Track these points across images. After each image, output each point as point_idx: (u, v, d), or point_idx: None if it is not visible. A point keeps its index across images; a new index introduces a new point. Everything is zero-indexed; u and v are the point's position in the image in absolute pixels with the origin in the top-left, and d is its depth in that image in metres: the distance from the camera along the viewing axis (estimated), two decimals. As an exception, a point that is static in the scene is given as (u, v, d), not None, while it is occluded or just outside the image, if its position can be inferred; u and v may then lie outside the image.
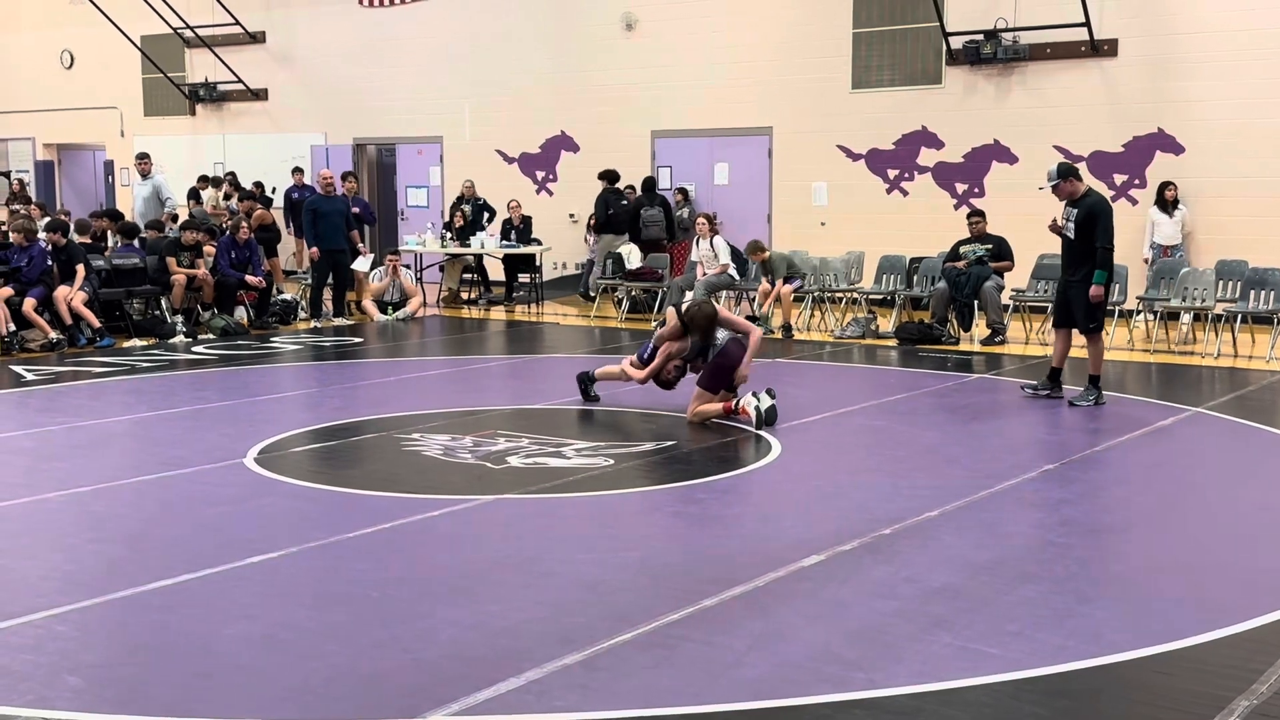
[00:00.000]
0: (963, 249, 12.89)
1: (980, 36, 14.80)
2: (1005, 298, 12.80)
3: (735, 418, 8.32)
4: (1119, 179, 14.35)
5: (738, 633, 4.49)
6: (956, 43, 14.98)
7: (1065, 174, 9.04)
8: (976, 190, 15.15)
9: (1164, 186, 13.75)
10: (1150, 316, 12.53)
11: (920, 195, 15.54)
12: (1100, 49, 14.28)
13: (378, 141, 20.18)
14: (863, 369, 11.35)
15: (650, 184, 16.45)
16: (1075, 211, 8.98)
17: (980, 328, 12.66)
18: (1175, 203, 13.69)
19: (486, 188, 17.57)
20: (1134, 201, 14.30)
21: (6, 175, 23.21)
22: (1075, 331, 9.34)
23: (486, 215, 17.14)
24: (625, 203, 16.30)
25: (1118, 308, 12.56)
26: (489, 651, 4.32)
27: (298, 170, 18.45)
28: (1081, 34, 14.21)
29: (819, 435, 8.16)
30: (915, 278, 13.79)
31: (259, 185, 19.39)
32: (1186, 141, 13.98)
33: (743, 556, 5.44)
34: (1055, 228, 9.30)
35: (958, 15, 14.99)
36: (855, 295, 14.34)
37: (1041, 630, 4.53)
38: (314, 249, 14.46)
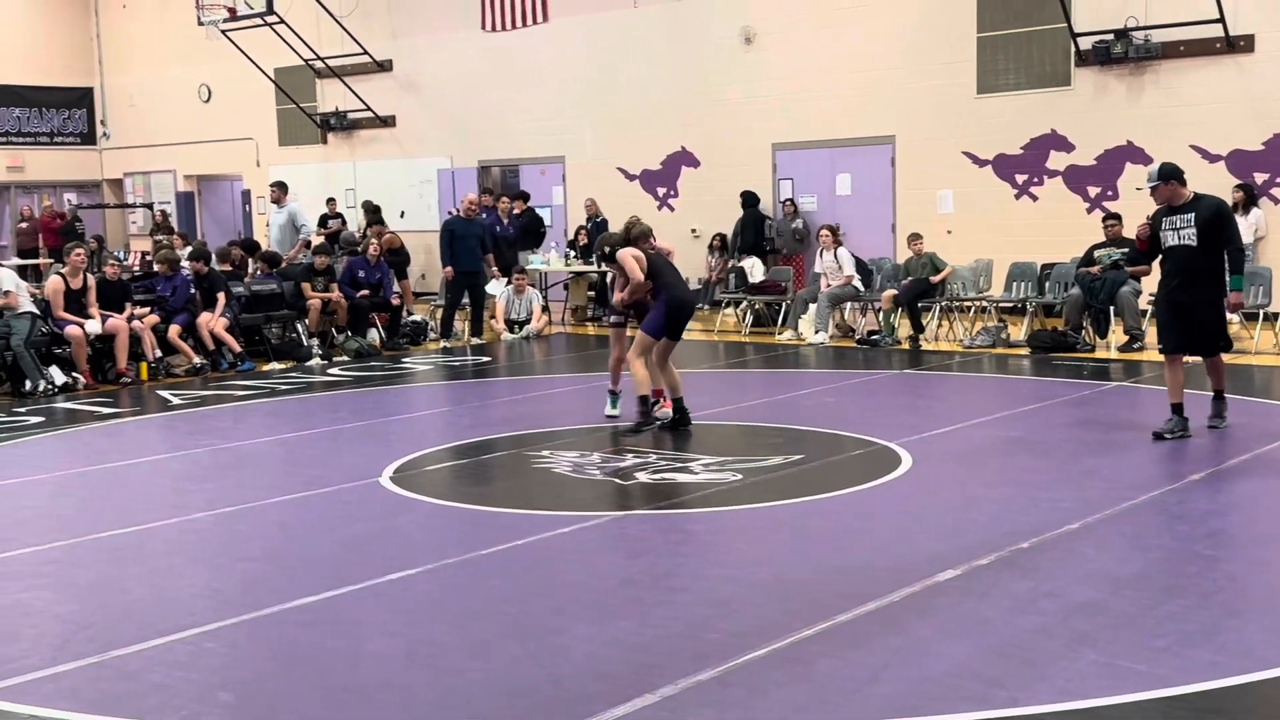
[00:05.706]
0: (1097, 253, 12.56)
1: (1110, 36, 14.44)
2: (1143, 303, 12.43)
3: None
4: (1260, 178, 13.85)
5: (873, 649, 4.44)
6: (1085, 43, 14.64)
7: (1168, 176, 7.98)
8: (1110, 193, 14.77)
9: (1235, 189, 13.49)
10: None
11: (1051, 200, 15.20)
12: (1236, 45, 13.82)
13: (502, 163, 20.49)
14: (994, 379, 11.14)
15: (752, 199, 16.94)
16: (1189, 217, 7.91)
17: (1117, 334, 12.32)
18: (1247, 205, 13.48)
19: (609, 205, 17.71)
20: (1276, 200, 13.80)
21: (150, 207, 24.15)
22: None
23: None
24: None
25: (1262, 310, 12.15)
26: (624, 668, 4.35)
27: (486, 192, 18.02)
28: (1216, 30, 13.77)
29: (950, 447, 8.03)
30: (1048, 284, 13.49)
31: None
32: (1332, 137, 13.45)
33: (875, 571, 5.38)
34: (1145, 234, 8.25)
35: (1086, 15, 14.65)
36: (984, 304, 14.09)
37: (1190, 646, 4.39)
38: (448, 269, 14.75)
